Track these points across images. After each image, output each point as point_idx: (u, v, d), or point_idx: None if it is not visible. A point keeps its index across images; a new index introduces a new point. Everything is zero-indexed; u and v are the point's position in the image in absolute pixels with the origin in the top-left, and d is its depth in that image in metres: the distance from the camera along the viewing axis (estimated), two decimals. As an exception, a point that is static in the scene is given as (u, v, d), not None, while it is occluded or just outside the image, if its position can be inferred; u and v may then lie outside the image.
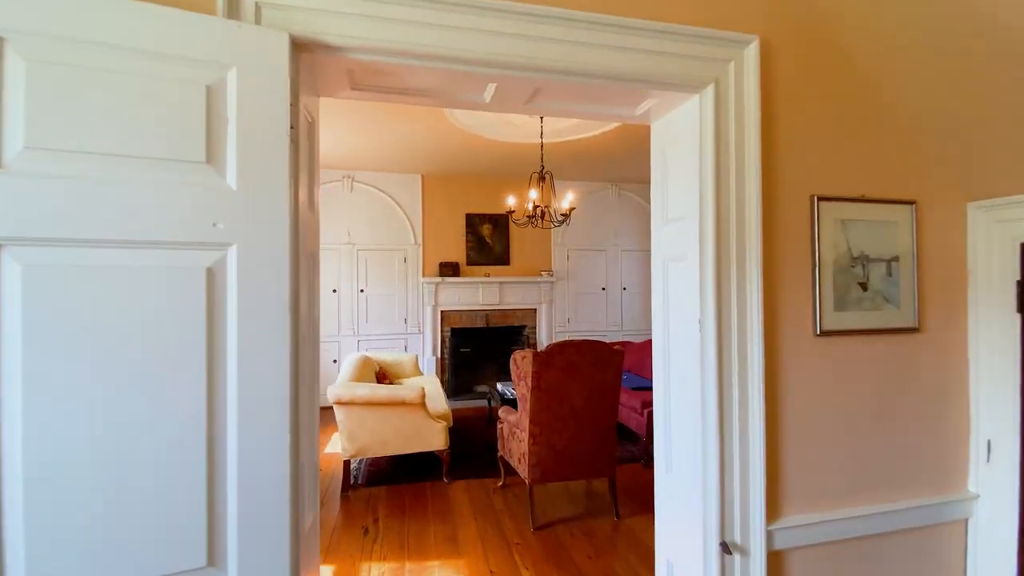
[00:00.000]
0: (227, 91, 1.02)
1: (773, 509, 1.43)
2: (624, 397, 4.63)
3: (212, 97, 1.01)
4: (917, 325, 1.57)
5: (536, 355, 3.09)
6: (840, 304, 1.47)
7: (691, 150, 1.44)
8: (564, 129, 4.83)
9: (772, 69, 1.44)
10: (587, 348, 3.16)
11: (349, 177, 6.58)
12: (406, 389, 3.75)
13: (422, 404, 3.77)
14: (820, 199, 1.46)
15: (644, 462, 4.28)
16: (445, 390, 6.78)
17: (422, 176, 6.83)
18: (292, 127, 1.08)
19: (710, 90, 1.37)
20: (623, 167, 6.48)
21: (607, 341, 7.37)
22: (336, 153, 5.82)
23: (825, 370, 1.48)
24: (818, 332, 1.46)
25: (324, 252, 6.50)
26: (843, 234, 1.48)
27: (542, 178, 4.32)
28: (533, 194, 4.29)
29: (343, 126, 4.77)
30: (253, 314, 1.02)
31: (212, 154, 1.01)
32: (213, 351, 0.99)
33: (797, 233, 1.46)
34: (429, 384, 5.13)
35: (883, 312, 1.52)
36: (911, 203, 1.57)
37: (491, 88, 1.33)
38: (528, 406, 3.16)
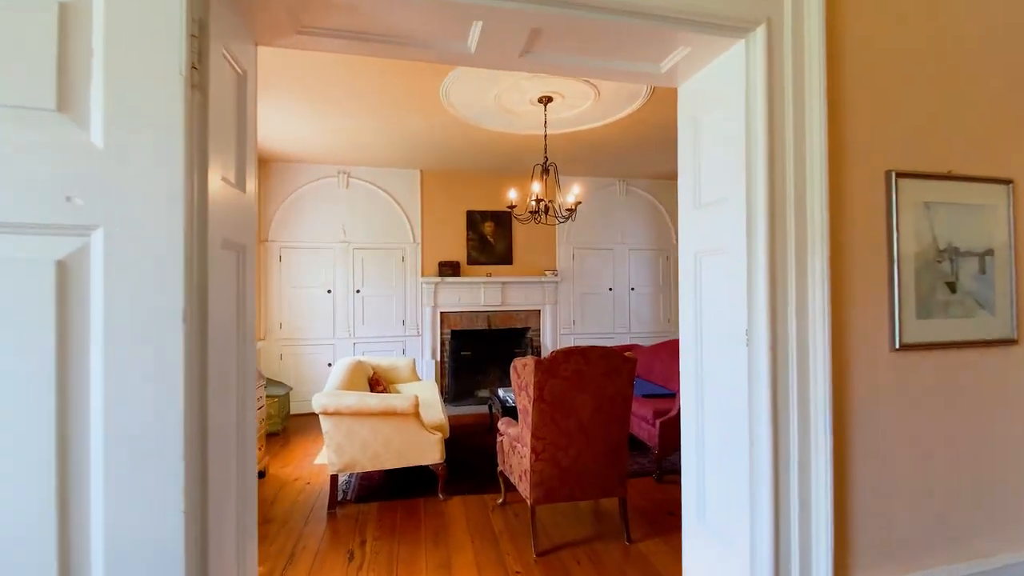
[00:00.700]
0: (92, 11, 0.72)
1: (841, 570, 1.12)
2: (634, 406, 4.31)
3: (68, 19, 0.70)
4: (1015, 336, 1.25)
5: (539, 363, 2.78)
6: (924, 310, 1.16)
7: (733, 113, 1.12)
8: (569, 119, 4.53)
9: (840, 9, 1.13)
10: (596, 355, 2.85)
11: (345, 173, 6.31)
12: (398, 398, 3.46)
13: (415, 414, 3.48)
14: (899, 175, 1.14)
15: (656, 476, 3.96)
16: (444, 395, 6.49)
17: (421, 171, 6.54)
18: (194, 67, 0.78)
19: (760, 33, 1.06)
20: (631, 162, 6.16)
21: (615, 344, 7.06)
22: (331, 148, 5.54)
23: (904, 393, 1.17)
24: (896, 346, 1.14)
25: (318, 250, 6.23)
26: (927, 220, 1.16)
27: (546, 170, 4.02)
28: (536, 187, 3.98)
29: (337, 118, 4.48)
30: (128, 325, 0.71)
31: (67, 99, 0.70)
32: (67, 380, 0.69)
33: (870, 218, 1.14)
34: (426, 391, 4.83)
35: (975, 319, 1.20)
36: (1008, 182, 1.25)
37: (476, 29, 1.02)
38: (530, 419, 2.85)
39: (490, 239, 6.74)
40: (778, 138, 1.07)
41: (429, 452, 3.56)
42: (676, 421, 3.90)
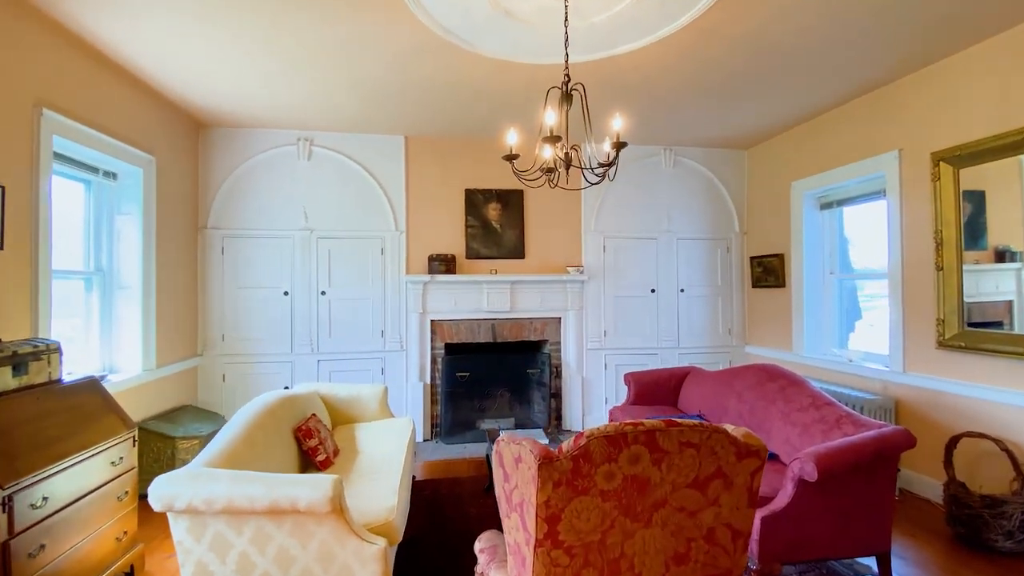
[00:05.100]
0: None
1: None
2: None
3: None
4: None
5: (547, 460, 1.22)
6: None
7: None
8: (601, 29, 2.94)
9: None
10: (677, 443, 1.27)
11: (306, 140, 4.87)
12: (306, 483, 1.94)
13: (335, 511, 1.96)
14: None
15: (754, 606, 2.33)
16: (435, 429, 4.97)
17: (405, 138, 5.05)
18: None
19: None
20: (685, 117, 4.51)
21: (660, 365, 5.38)
22: (286, 107, 4.09)
23: None
24: None
25: (272, 240, 4.81)
26: None
27: (567, 96, 2.44)
28: (550, 117, 2.40)
29: (287, 62, 3.00)
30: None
31: None
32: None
33: None
34: (394, 438, 3.32)
35: None
36: None
37: None
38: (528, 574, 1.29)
39: (496, 226, 5.21)
40: None
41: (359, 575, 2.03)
42: (793, 515, 2.27)
